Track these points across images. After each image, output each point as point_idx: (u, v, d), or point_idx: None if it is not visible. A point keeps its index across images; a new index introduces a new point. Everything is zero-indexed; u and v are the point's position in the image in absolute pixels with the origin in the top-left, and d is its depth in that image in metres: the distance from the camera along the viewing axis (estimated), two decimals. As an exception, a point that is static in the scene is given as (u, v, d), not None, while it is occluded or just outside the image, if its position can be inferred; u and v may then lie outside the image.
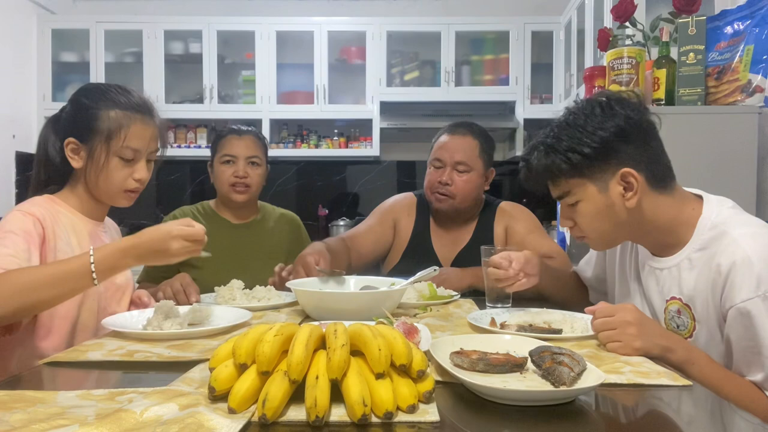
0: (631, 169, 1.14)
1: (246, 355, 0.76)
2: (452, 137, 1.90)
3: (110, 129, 1.32)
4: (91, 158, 1.33)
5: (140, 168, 1.36)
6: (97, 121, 1.32)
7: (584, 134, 1.14)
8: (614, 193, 1.16)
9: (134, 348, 1.06)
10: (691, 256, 1.16)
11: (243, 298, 1.52)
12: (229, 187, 1.93)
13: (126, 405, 0.73)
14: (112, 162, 1.33)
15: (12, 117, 3.70)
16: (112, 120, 1.32)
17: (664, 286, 1.21)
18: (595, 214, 1.18)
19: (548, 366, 0.85)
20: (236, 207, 2.00)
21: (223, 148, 1.95)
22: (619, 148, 1.14)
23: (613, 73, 2.17)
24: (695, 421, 0.84)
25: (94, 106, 1.33)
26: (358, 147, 4.10)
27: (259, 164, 1.97)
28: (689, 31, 2.01)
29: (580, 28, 3.42)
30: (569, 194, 1.19)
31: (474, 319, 1.25)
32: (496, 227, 1.94)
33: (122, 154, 1.33)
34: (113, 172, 1.34)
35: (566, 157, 1.15)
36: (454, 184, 1.86)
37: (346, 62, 4.16)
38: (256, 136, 2.00)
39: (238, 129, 1.99)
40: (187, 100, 4.08)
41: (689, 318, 1.16)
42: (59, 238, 1.30)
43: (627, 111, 1.15)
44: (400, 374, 0.76)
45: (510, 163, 4.33)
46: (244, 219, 2.03)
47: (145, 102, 1.39)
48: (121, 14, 4.12)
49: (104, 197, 1.39)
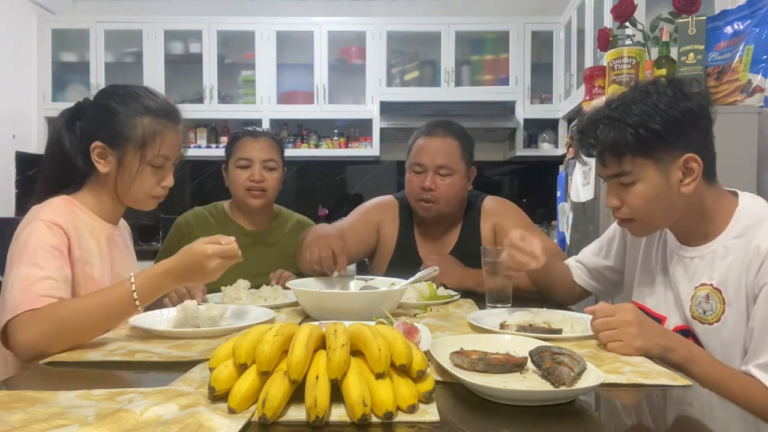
0: (695, 155, 1.13)
1: (246, 355, 0.76)
2: (431, 139, 1.82)
3: (144, 137, 1.29)
4: (122, 165, 1.30)
5: (168, 175, 1.36)
6: (130, 128, 1.29)
7: (656, 111, 1.11)
8: (674, 178, 1.14)
9: (134, 348, 1.06)
10: (727, 243, 1.16)
11: (249, 297, 1.52)
12: (245, 192, 1.88)
13: (126, 405, 0.73)
14: (144, 169, 1.31)
15: (12, 117, 3.70)
16: (147, 128, 1.30)
17: (695, 274, 1.20)
18: (651, 197, 1.15)
19: (548, 366, 0.85)
20: (252, 212, 1.95)
21: (238, 151, 1.90)
22: (687, 132, 1.12)
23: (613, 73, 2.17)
24: (695, 421, 0.84)
25: (124, 111, 1.30)
26: (358, 147, 4.10)
27: (276, 168, 1.92)
28: (689, 31, 2.01)
29: (580, 28, 3.42)
30: (628, 174, 1.15)
31: (474, 319, 1.25)
32: (483, 227, 1.87)
33: (155, 163, 1.32)
34: (144, 179, 1.32)
35: (636, 132, 1.11)
36: (437, 188, 1.78)
37: (346, 62, 4.17)
38: (272, 138, 1.95)
39: (254, 131, 1.95)
40: (187, 100, 4.08)
41: (718, 302, 1.15)
42: (82, 245, 1.27)
43: (698, 97, 1.14)
44: (400, 374, 0.76)
45: (510, 163, 4.33)
46: (258, 226, 1.97)
47: (174, 107, 1.37)
48: (121, 14, 4.12)
49: (131, 202, 1.37)
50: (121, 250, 1.42)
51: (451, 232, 1.89)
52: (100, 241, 1.33)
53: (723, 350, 1.13)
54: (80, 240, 1.27)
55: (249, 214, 1.96)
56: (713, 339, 1.15)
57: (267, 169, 1.89)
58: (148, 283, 1.14)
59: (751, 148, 1.94)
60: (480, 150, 2.01)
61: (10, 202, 3.62)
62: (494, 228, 1.87)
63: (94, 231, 1.33)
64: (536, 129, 4.09)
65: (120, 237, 1.44)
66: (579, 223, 2.46)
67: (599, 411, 0.82)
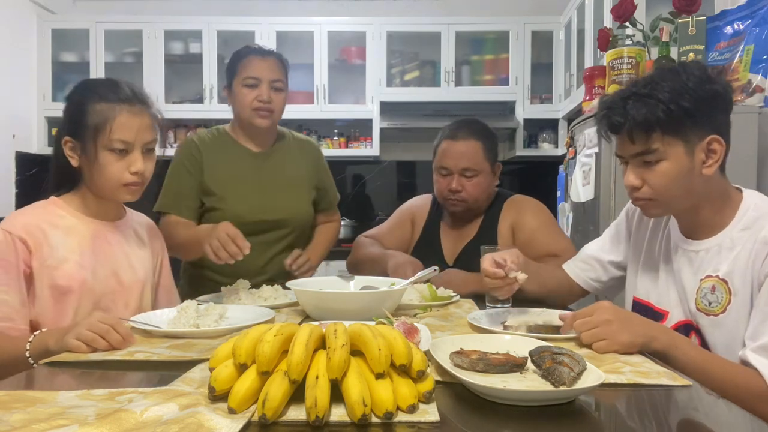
0: (719, 136, 1.14)
1: (246, 355, 0.76)
2: (454, 143, 1.85)
3: (96, 123, 1.30)
4: (85, 154, 1.32)
5: (135, 160, 1.34)
6: (86, 116, 1.31)
7: (686, 89, 1.12)
8: (697, 159, 1.15)
9: (134, 348, 1.06)
10: (734, 235, 1.17)
11: (249, 297, 1.52)
12: (252, 112, 1.79)
13: (126, 405, 0.73)
14: (103, 156, 1.31)
15: (12, 117, 3.70)
16: (98, 114, 1.31)
17: (700, 267, 1.21)
18: (675, 176, 1.15)
19: (548, 366, 0.85)
20: (257, 133, 1.87)
21: (245, 70, 1.80)
22: (713, 113, 1.14)
23: (613, 73, 2.17)
24: (695, 421, 0.84)
25: (80, 101, 1.33)
26: (358, 147, 4.10)
27: (282, 89, 1.83)
28: (689, 31, 2.01)
29: (580, 28, 3.42)
30: (654, 152, 1.15)
31: (474, 319, 1.25)
32: (501, 223, 1.90)
33: (111, 147, 1.31)
34: (106, 167, 1.32)
35: (668, 108, 1.11)
36: (464, 189, 1.83)
37: (346, 62, 4.16)
38: (278, 58, 1.85)
39: (260, 49, 1.85)
40: (187, 100, 4.08)
41: (724, 293, 1.16)
42: (52, 242, 1.30)
43: (723, 81, 1.16)
44: (400, 374, 0.76)
45: (510, 163, 4.33)
46: (264, 147, 1.90)
47: (135, 93, 1.36)
48: (121, 14, 4.12)
49: (104, 193, 1.37)
50: (114, 246, 1.41)
51: (472, 224, 1.93)
52: (82, 237, 1.35)
53: (728, 341, 1.14)
54: (49, 237, 1.30)
55: (254, 136, 1.88)
56: (718, 330, 1.15)
57: (275, 90, 1.81)
58: (39, 338, 1.14)
59: (751, 148, 1.94)
60: (480, 150, 2.02)
61: (10, 202, 3.62)
62: (513, 224, 1.89)
63: (73, 229, 1.35)
64: (536, 129, 4.09)
65: (119, 234, 1.44)
66: (579, 223, 2.46)
67: (599, 411, 0.82)
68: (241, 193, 1.81)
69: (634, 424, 0.80)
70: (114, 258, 1.40)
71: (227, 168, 1.84)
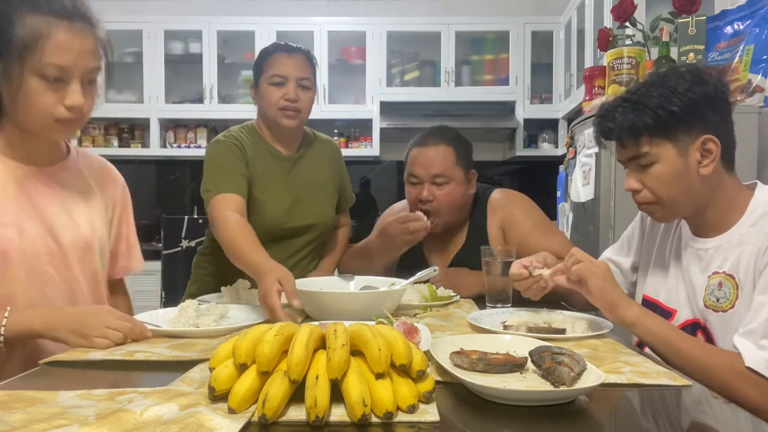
0: (713, 136, 1.16)
1: (246, 355, 0.76)
2: (424, 149, 1.76)
3: (25, 39, 1.03)
4: (6, 77, 1.06)
5: (72, 92, 1.08)
6: (11, 27, 1.03)
7: (675, 94, 1.15)
8: (692, 159, 1.16)
9: (134, 348, 1.06)
10: (742, 231, 1.18)
11: (249, 297, 1.52)
12: (278, 111, 1.73)
13: (126, 405, 0.73)
14: (31, 82, 1.05)
15: None
16: (28, 28, 1.03)
17: (709, 264, 1.22)
18: (671, 178, 1.18)
19: (548, 366, 0.85)
20: (284, 134, 1.81)
21: (271, 68, 1.73)
22: (705, 114, 1.16)
23: (613, 73, 2.17)
24: (695, 421, 0.85)
25: (7, 10, 1.05)
26: (358, 147, 4.10)
27: (310, 88, 1.77)
28: (689, 31, 2.01)
29: (580, 28, 3.43)
30: (646, 155, 1.18)
31: (474, 319, 1.25)
32: (490, 224, 1.80)
33: (43, 72, 1.05)
34: (34, 96, 1.06)
35: (655, 113, 1.15)
36: (435, 199, 1.73)
37: (346, 62, 4.17)
38: (306, 55, 1.78)
39: (287, 46, 1.78)
40: (187, 100, 4.08)
41: (732, 288, 1.16)
42: None
43: (716, 81, 1.18)
44: (400, 374, 0.76)
45: (510, 163, 4.34)
46: (291, 149, 1.85)
47: (76, 6, 1.10)
48: (121, 14, 4.11)
49: (34, 127, 1.12)
50: (47, 197, 1.18)
51: (458, 233, 1.84)
52: (3, 186, 1.12)
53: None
54: None
55: (281, 137, 1.82)
56: (727, 326, 1.15)
57: (302, 88, 1.74)
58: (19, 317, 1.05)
59: (751, 148, 1.94)
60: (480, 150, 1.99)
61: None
62: (502, 224, 1.80)
63: None
64: (536, 129, 4.10)
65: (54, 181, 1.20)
66: (579, 223, 2.46)
67: (599, 411, 0.82)
68: (276, 196, 1.76)
69: (634, 424, 0.80)
70: (47, 212, 1.16)
71: (263, 168, 1.77)
